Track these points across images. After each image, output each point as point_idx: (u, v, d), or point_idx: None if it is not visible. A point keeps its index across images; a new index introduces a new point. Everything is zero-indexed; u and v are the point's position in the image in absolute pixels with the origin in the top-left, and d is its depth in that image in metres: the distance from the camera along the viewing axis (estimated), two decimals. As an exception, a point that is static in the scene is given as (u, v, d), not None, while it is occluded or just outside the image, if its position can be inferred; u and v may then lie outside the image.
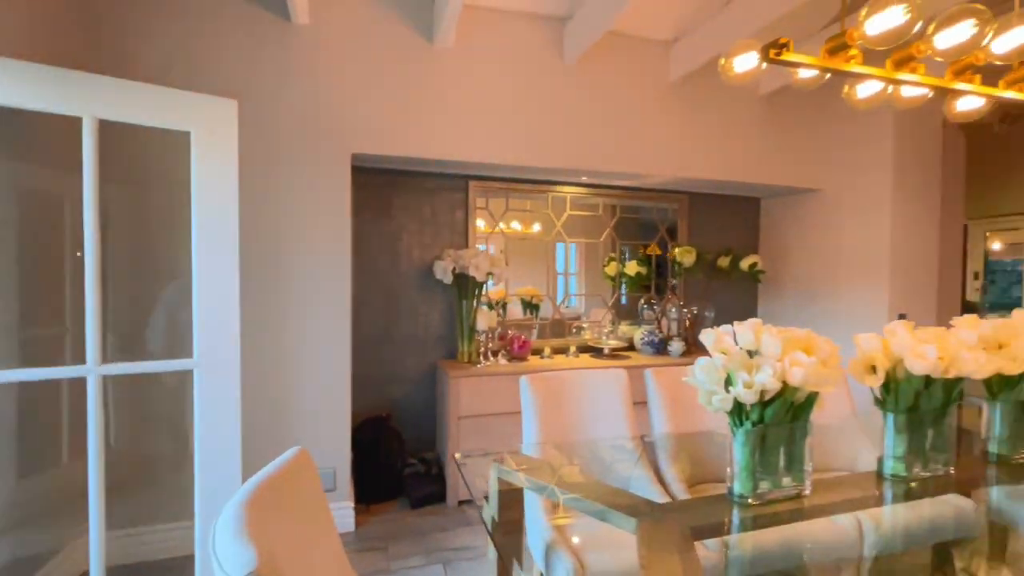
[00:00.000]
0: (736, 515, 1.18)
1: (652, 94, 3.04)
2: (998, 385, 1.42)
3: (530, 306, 3.47)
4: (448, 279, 2.92)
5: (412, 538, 2.41)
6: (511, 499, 1.46)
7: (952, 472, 1.37)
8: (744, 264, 3.44)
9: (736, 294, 3.92)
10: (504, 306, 3.41)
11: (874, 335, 1.33)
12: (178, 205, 1.69)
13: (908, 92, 1.48)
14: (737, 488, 1.18)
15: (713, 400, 1.14)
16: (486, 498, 1.38)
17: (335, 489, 2.47)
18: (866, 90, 1.45)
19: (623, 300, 3.70)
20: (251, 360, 2.27)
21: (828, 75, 1.31)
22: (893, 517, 1.45)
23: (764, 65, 1.23)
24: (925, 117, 3.07)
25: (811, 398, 1.18)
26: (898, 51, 1.23)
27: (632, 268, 3.40)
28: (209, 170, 1.58)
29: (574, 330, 3.56)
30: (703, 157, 3.18)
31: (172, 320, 2.29)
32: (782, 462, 1.21)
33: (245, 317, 2.22)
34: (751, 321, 1.19)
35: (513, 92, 2.76)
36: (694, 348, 3.42)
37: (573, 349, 3.34)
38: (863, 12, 1.06)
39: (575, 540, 1.50)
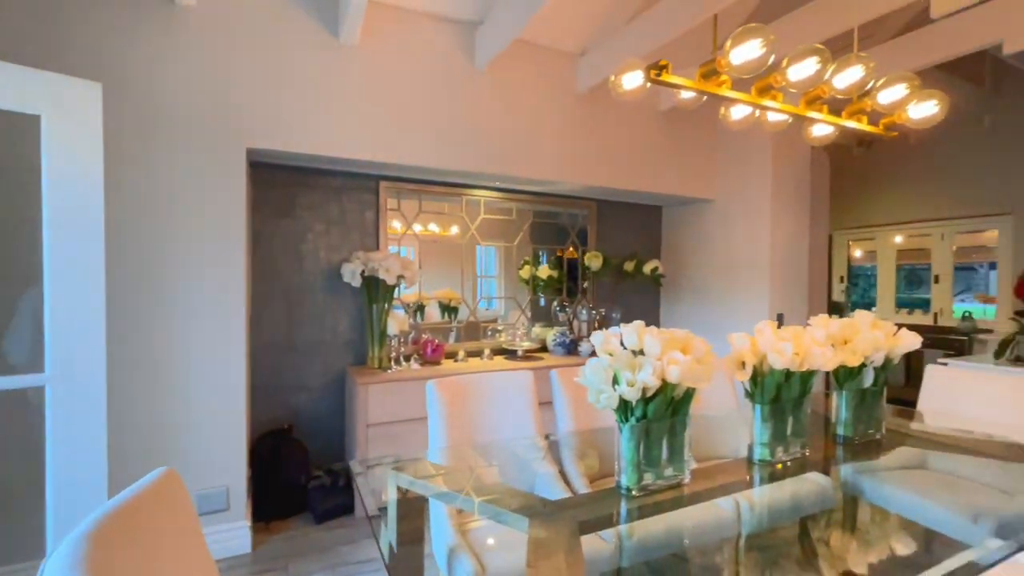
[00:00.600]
0: (624, 507, 1.25)
1: (561, 104, 3.15)
2: (843, 376, 1.64)
3: (448, 309, 3.45)
4: (357, 282, 2.82)
5: (315, 554, 2.30)
6: (412, 507, 1.44)
7: (808, 454, 1.55)
8: (647, 268, 3.67)
9: (642, 296, 4.16)
10: (421, 309, 3.36)
11: (745, 334, 1.47)
12: (38, 199, 1.49)
13: (773, 117, 1.66)
14: (624, 481, 1.26)
15: (601, 398, 1.20)
16: (383, 510, 1.35)
17: (228, 509, 2.29)
18: (738, 113, 1.61)
19: (542, 302, 3.80)
20: (124, 372, 2.04)
21: (705, 97, 1.44)
22: (766, 496, 1.61)
23: (648, 84, 1.32)
24: (796, 139, 3.46)
25: (689, 393, 1.28)
26: (760, 80, 1.38)
27: (544, 272, 3.49)
28: (66, 158, 1.40)
29: (489, 333, 3.58)
30: (608, 167, 3.35)
31: (37, 329, 2.00)
32: (664, 454, 1.30)
33: (117, 325, 2.00)
34: (635, 323, 1.27)
35: (424, 94, 2.74)
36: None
37: (488, 352, 3.36)
38: (728, 43, 1.19)
39: (489, 542, 1.52)
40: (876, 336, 1.60)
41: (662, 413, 1.24)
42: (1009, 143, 4.85)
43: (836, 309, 6.21)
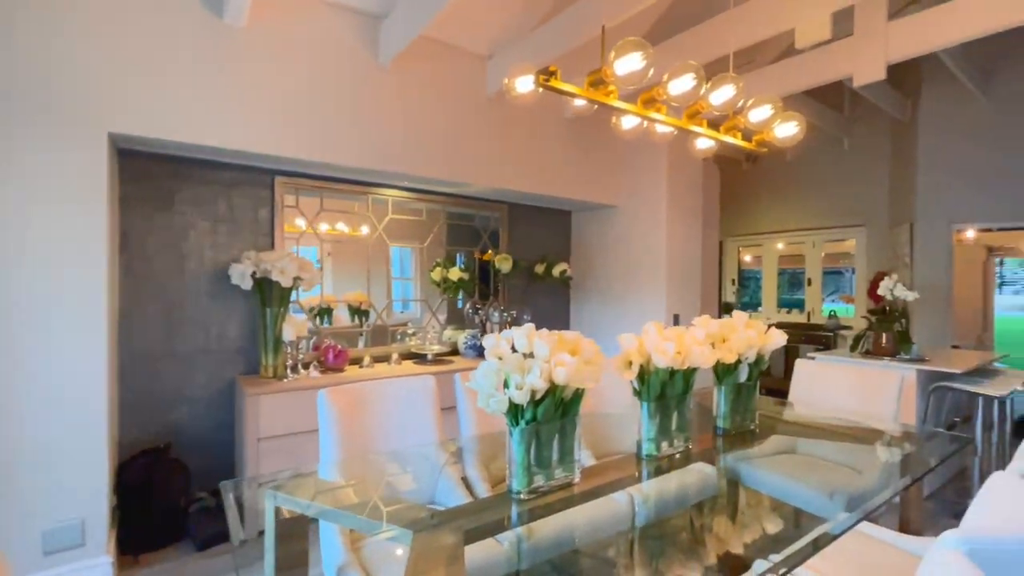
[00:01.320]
0: (515, 511, 1.24)
1: (470, 106, 3.13)
2: (722, 372, 1.76)
3: (359, 312, 3.30)
4: (247, 284, 2.60)
5: (193, 586, 2.07)
6: (296, 528, 1.34)
7: (691, 447, 1.65)
8: (556, 271, 3.75)
9: (553, 297, 4.26)
10: (328, 313, 3.19)
11: (632, 335, 1.53)
12: None
13: (661, 128, 1.76)
14: (515, 485, 1.25)
15: (491, 403, 1.18)
16: (260, 533, 1.24)
17: (84, 544, 2.00)
18: (628, 123, 1.68)
19: (460, 304, 3.76)
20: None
21: (596, 106, 1.49)
22: (657, 488, 1.69)
23: (540, 89, 1.34)
24: (688, 151, 3.72)
25: (578, 394, 1.31)
26: (645, 92, 1.45)
27: (456, 274, 3.45)
28: None
29: (399, 337, 3.48)
30: (517, 171, 3.39)
31: None
32: (555, 455, 1.31)
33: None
34: (526, 327, 1.27)
35: (323, 86, 2.59)
36: (513, 350, 3.61)
37: (396, 356, 3.25)
38: (612, 54, 1.23)
39: (398, 552, 1.45)
40: (750, 335, 1.74)
41: (551, 415, 1.25)
42: (863, 163, 5.58)
43: (728, 309, 6.78)
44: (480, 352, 3.50)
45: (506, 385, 1.21)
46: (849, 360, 3.17)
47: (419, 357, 3.37)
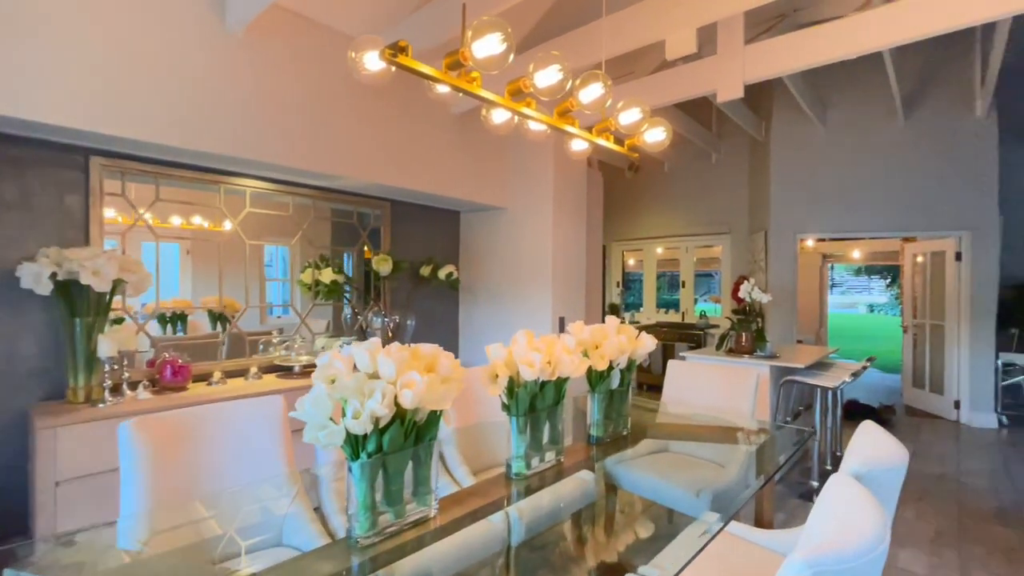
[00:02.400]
0: (354, 561, 1.05)
1: (344, 91, 2.85)
2: (595, 379, 1.72)
3: (220, 319, 2.86)
4: (44, 289, 2.09)
5: None
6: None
7: (563, 460, 1.57)
8: (442, 273, 3.58)
9: (441, 301, 4.08)
10: (183, 320, 2.72)
11: (500, 345, 1.41)
12: None
13: (534, 126, 1.67)
14: (356, 529, 1.06)
15: (320, 436, 0.98)
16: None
17: None
18: (498, 117, 1.57)
19: (346, 310, 3.45)
20: None
21: (461, 94, 1.34)
22: (535, 502, 1.59)
23: (392, 68, 1.16)
24: (581, 157, 3.77)
25: (435, 416, 1.15)
26: (511, 83, 1.35)
27: (328, 276, 3.13)
28: None
29: (262, 347, 3.07)
30: (400, 166, 3.16)
31: None
32: (408, 488, 1.14)
33: None
34: (370, 341, 1.09)
35: (151, 51, 2.16)
36: (395, 358, 3.37)
37: (255, 370, 2.85)
38: (469, 33, 1.11)
39: None
40: (621, 340, 1.71)
41: (401, 443, 1.08)
42: (728, 176, 6.15)
43: (614, 310, 7.11)
44: (357, 361, 3.21)
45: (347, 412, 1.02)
46: (715, 359, 3.40)
47: (285, 370, 3.00)
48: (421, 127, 3.28)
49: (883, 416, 4.75)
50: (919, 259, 5.51)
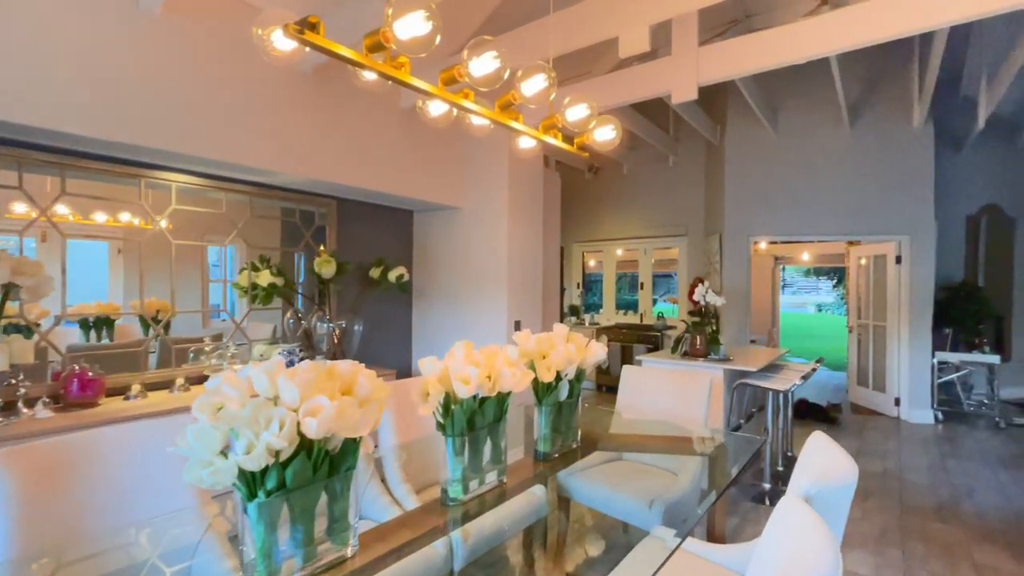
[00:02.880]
0: (251, 617, 0.90)
1: (279, 79, 2.65)
2: (542, 391, 1.62)
3: (155, 324, 2.64)
4: (-84, 296, 1.82)
5: None
6: None
7: (506, 481, 1.46)
8: (392, 275, 3.41)
9: (393, 305, 3.90)
10: (109, 326, 2.47)
11: (434, 359, 1.29)
12: None
13: (477, 121, 1.55)
14: (253, 580, 0.91)
15: (204, 475, 0.83)
16: None
17: None
18: (436, 109, 1.45)
19: (289, 316, 3.24)
20: None
21: (391, 82, 1.21)
22: (480, 521, 1.48)
23: (307, 48, 1.02)
24: (530, 156, 3.67)
25: (351, 445, 1.02)
26: (446, 71, 1.23)
27: (264, 278, 2.91)
28: None
29: (192, 356, 2.83)
30: (345, 163, 2.98)
31: None
32: (320, 527, 1.00)
33: None
34: (272, 361, 0.94)
35: (47, 27, 1.92)
36: (341, 365, 3.18)
37: (182, 382, 2.62)
38: (390, 11, 0.98)
39: None
40: (569, 350, 1.61)
41: (309, 477, 0.94)
42: (685, 179, 6.22)
43: (574, 312, 7.08)
44: (298, 370, 3.01)
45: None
46: (670, 363, 3.37)
47: (216, 380, 2.77)
48: (368, 121, 3.11)
49: (831, 415, 4.89)
50: (863, 262, 5.72)
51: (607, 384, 6.23)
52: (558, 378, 1.62)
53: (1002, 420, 4.82)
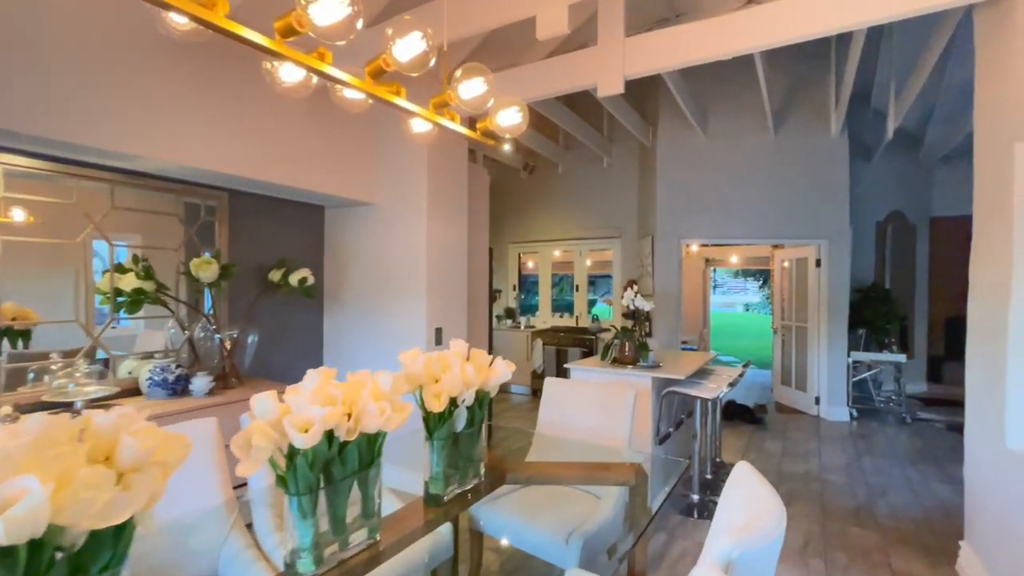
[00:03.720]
0: None
1: (143, 45, 2.21)
2: (433, 423, 1.35)
3: (19, 336, 2.14)
4: None
5: None
6: None
7: (379, 539, 1.18)
8: (293, 278, 3.02)
9: (301, 312, 3.50)
10: None
11: (273, 394, 0.99)
12: None
13: (349, 95, 1.26)
14: None
15: None
16: None
17: None
18: (287, 73, 1.15)
19: (170, 326, 2.78)
20: None
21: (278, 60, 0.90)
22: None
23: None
24: (451, 149, 3.40)
25: (108, 537, 0.70)
26: (281, 18, 0.94)
27: (131, 281, 2.45)
28: None
29: (31, 375, 2.34)
30: (236, 150, 2.58)
31: None
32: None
33: None
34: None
35: None
36: (229, 383, 2.77)
37: (8, 410, 2.12)
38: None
39: None
40: (467, 373, 1.36)
41: None
42: (619, 180, 6.17)
43: (510, 315, 6.87)
44: (174, 390, 2.57)
45: None
46: (598, 371, 3.21)
47: (60, 407, 2.28)
48: (265, 104, 2.72)
49: (757, 415, 4.97)
50: (786, 264, 5.90)
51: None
52: (453, 405, 1.36)
53: (908, 416, 5.09)
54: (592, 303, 7.04)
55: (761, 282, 21.72)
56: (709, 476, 3.38)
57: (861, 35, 3.75)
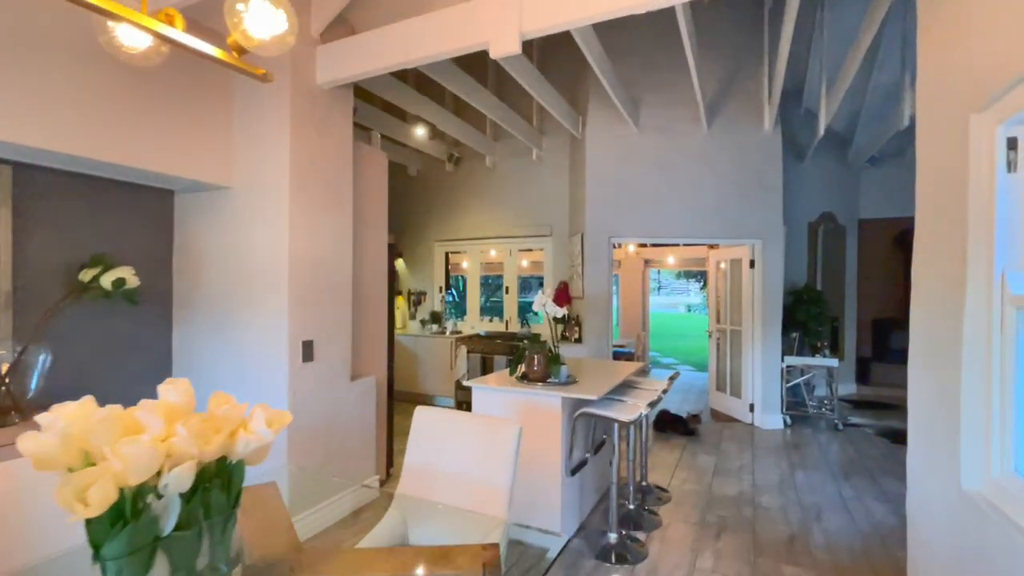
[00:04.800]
0: None
1: None
2: (98, 531, 0.78)
3: None
4: None
5: None
6: None
7: None
8: (106, 279, 2.34)
9: (148, 323, 2.80)
10: None
11: None
12: None
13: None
14: None
15: None
16: None
17: None
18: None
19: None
20: None
21: None
22: None
23: None
24: (331, 123, 2.81)
25: None
26: None
27: None
28: None
29: None
30: (23, 111, 1.89)
31: None
32: None
33: None
34: None
35: None
36: (8, 420, 2.07)
37: None
38: None
39: None
40: (177, 439, 0.80)
41: None
42: (550, 175, 5.74)
43: (435, 319, 6.30)
44: (-103, 435, 1.84)
45: None
46: (504, 390, 2.72)
47: None
48: (65, 55, 2.03)
49: (690, 426, 4.65)
50: (722, 266, 5.67)
51: (468, 402, 5.53)
52: (141, 495, 0.80)
53: (840, 422, 4.94)
54: (528, 306, 6.58)
55: (702, 284, 22.21)
56: (632, 506, 2.96)
57: (791, 23, 3.47)
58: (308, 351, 2.67)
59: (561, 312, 2.82)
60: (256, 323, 2.67)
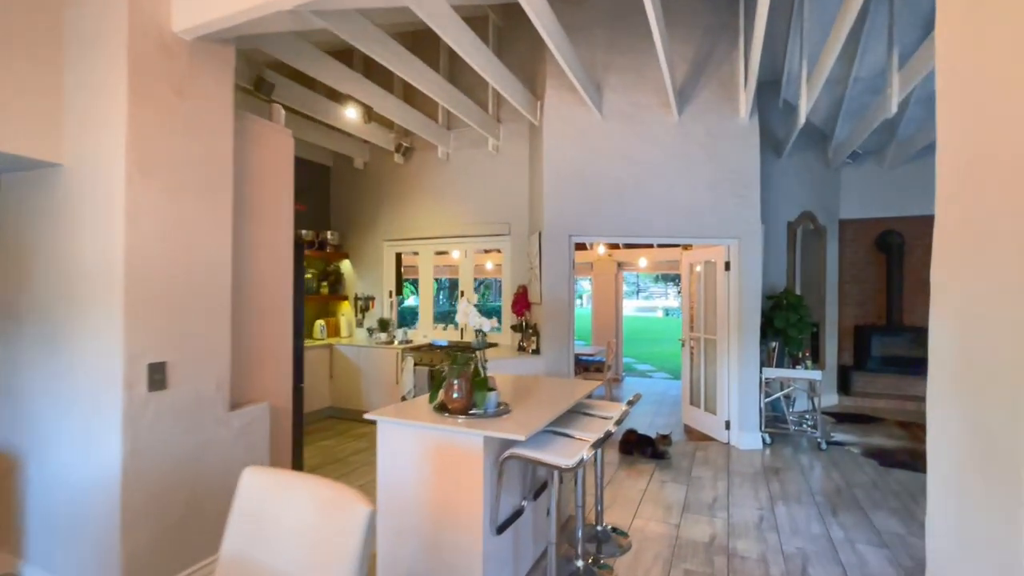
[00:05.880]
0: None
1: None
2: None
3: None
4: None
5: None
6: None
7: None
8: None
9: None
10: None
11: None
12: None
13: None
14: None
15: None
16: None
17: None
18: None
19: None
20: None
21: None
22: None
23: None
24: (195, 82, 2.21)
25: None
26: None
27: None
28: None
29: None
30: None
31: None
32: None
33: None
34: None
35: None
36: None
37: None
38: None
39: None
40: None
41: None
42: (507, 167, 5.19)
43: (384, 326, 5.69)
44: None
45: None
46: (414, 425, 2.15)
47: None
48: None
49: (659, 448, 4.14)
50: (697, 268, 5.20)
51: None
52: None
53: (823, 440, 4.49)
54: (488, 312, 6.02)
55: (680, 288, 21.99)
56: (580, 564, 2.41)
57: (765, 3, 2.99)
58: (159, 376, 2.06)
59: (489, 325, 2.26)
60: (84, 341, 2.05)
